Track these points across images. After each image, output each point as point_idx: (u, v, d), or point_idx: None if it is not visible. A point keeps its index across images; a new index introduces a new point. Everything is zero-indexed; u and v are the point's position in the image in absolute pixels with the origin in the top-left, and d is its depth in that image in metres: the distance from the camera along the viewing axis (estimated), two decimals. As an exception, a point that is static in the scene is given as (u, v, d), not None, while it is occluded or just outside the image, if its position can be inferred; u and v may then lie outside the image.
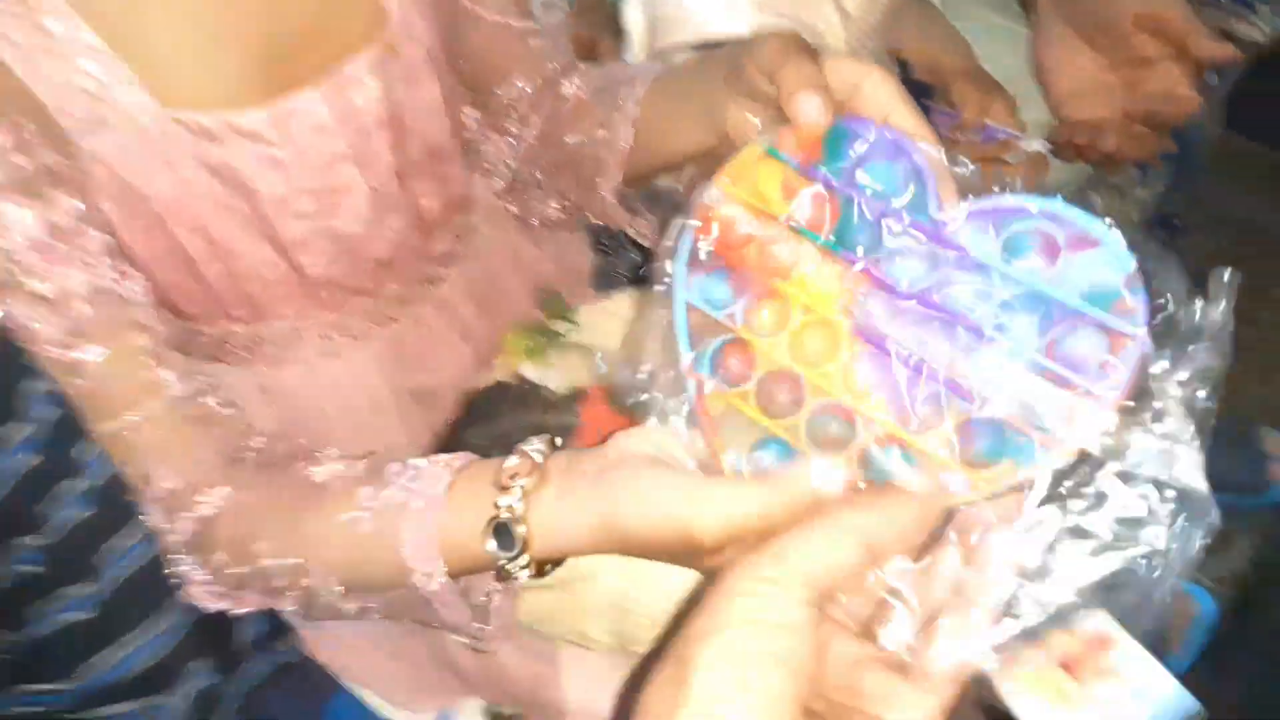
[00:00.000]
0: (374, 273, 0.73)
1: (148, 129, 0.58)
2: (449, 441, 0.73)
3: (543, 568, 0.52)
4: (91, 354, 0.58)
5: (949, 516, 0.42)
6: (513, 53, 0.76)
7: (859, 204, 0.47)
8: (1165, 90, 0.89)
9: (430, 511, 0.53)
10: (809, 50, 0.52)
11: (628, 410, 0.67)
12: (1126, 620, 0.41)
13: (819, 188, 0.48)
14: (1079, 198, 0.43)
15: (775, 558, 0.38)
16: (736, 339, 0.49)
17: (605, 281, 0.88)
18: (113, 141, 0.58)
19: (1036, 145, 0.90)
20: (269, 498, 0.60)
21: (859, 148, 0.48)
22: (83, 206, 0.58)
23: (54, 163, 0.56)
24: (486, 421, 0.73)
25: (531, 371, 0.73)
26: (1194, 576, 0.39)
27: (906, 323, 0.45)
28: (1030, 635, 0.40)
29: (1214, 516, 0.39)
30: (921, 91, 1.00)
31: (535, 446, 0.52)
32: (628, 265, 0.90)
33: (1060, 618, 0.40)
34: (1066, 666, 0.40)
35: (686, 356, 0.49)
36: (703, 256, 0.50)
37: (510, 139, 0.79)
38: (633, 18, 0.86)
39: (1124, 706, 0.40)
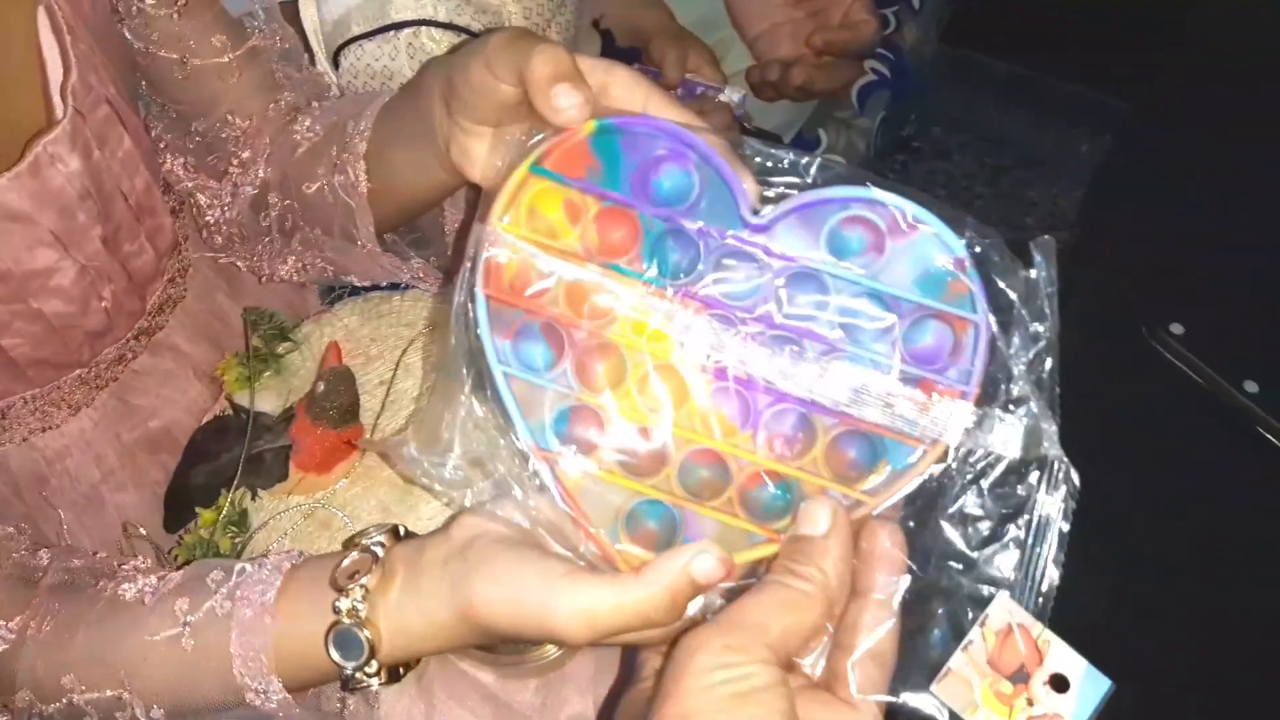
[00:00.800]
0: (88, 344, 0.69)
1: None
2: (178, 486, 0.71)
3: (395, 671, 0.48)
4: None
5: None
6: (219, 89, 0.69)
7: (659, 219, 0.43)
8: (843, 19, 0.93)
9: (260, 620, 0.48)
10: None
11: (335, 422, 0.65)
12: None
13: (606, 204, 0.44)
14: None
15: (733, 626, 0.38)
16: (578, 404, 0.44)
17: (330, 291, 0.86)
18: None
19: (733, 96, 0.92)
20: (73, 624, 0.54)
21: (638, 150, 0.44)
22: None
23: None
24: (208, 459, 0.70)
25: (245, 399, 0.70)
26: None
27: (752, 348, 0.43)
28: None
29: (1076, 482, 0.41)
30: (628, 59, 1.01)
31: (375, 539, 0.48)
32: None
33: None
34: (993, 664, 0.40)
35: (528, 440, 0.43)
36: (504, 318, 0.44)
37: (233, 185, 0.73)
38: (308, 16, 0.83)
39: (1051, 699, 0.40)
